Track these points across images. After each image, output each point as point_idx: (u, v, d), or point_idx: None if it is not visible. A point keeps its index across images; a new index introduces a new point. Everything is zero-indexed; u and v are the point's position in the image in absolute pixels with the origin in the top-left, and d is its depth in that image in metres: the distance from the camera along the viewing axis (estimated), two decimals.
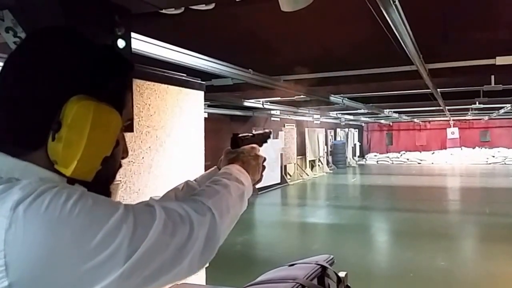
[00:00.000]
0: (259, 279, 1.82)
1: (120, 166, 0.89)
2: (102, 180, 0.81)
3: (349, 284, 1.95)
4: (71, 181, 0.75)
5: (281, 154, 14.11)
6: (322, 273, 1.80)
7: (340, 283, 1.87)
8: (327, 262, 1.85)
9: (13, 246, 0.62)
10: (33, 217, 0.63)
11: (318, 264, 1.80)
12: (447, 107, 11.00)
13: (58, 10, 1.54)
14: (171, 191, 1.13)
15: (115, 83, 0.83)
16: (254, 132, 1.27)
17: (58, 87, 0.76)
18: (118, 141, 0.84)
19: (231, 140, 1.18)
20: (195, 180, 1.17)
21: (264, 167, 1.19)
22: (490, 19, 3.76)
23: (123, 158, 0.90)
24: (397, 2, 2.61)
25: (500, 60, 4.53)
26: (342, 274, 1.89)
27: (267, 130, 1.35)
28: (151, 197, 1.06)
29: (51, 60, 0.77)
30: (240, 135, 1.20)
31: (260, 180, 1.16)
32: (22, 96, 0.76)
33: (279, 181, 13.83)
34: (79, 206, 0.66)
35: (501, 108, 11.42)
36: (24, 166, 0.73)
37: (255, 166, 1.13)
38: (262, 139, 1.28)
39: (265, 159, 1.19)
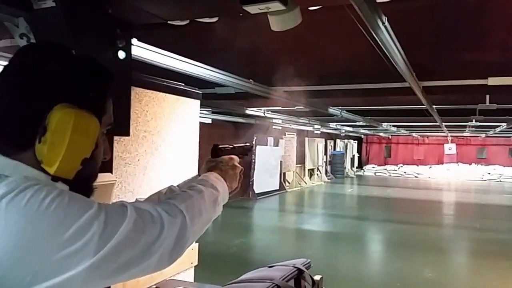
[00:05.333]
0: (240, 278, 1.93)
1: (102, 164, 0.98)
2: (83, 178, 0.90)
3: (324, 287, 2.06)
4: (54, 178, 0.84)
5: (281, 162, 14.19)
6: (298, 275, 1.92)
7: (314, 285, 1.99)
8: (303, 266, 1.97)
9: None
10: (14, 210, 0.72)
11: (295, 267, 1.92)
12: (444, 124, 11.11)
13: (63, 23, 1.66)
14: (154, 194, 1.22)
15: (95, 93, 0.91)
16: (234, 144, 1.32)
17: (44, 96, 0.85)
18: (98, 144, 0.92)
19: (212, 150, 1.25)
20: (177, 185, 1.25)
21: (241, 177, 1.24)
22: (482, 40, 3.87)
23: (105, 159, 0.99)
24: (386, 23, 2.70)
25: (492, 81, 4.60)
26: (317, 277, 2.01)
27: (247, 144, 1.39)
28: (136, 199, 1.16)
29: (38, 73, 0.87)
30: (220, 146, 1.26)
31: (237, 188, 1.22)
32: (13, 104, 0.85)
33: (277, 188, 14.02)
34: (56, 202, 0.75)
35: (497, 126, 11.53)
36: (14, 165, 0.82)
37: (233, 175, 1.20)
38: (242, 151, 1.34)
39: (242, 170, 1.25)
